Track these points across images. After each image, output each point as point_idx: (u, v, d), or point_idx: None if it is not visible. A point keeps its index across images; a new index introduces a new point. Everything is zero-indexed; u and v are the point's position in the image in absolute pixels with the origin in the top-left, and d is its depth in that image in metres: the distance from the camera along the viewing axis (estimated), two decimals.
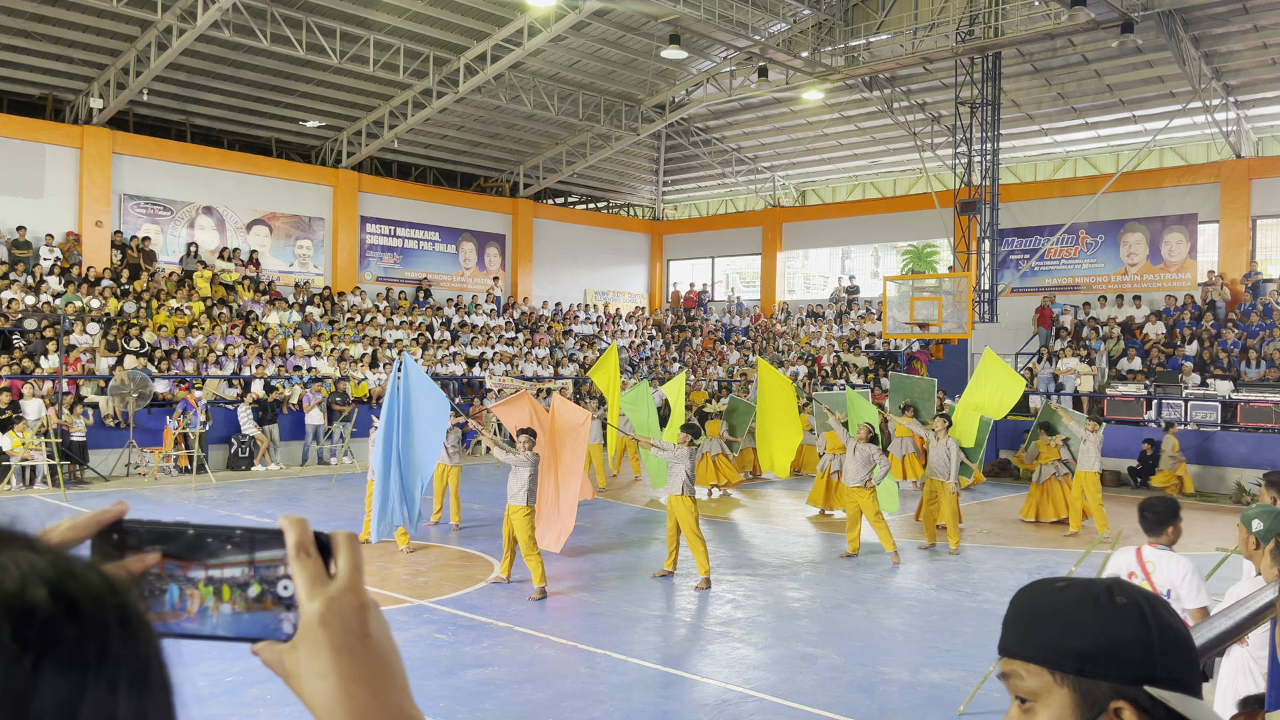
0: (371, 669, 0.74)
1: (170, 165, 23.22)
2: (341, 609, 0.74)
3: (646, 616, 9.03)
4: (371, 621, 0.75)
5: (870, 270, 33.27)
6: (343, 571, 0.75)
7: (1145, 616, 1.11)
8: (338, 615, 0.73)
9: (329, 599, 0.74)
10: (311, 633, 0.73)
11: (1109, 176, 24.47)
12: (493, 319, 28.02)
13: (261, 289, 23.93)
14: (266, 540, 0.75)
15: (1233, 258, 23.17)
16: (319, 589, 0.74)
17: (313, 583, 0.74)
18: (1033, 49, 21.38)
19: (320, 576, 0.75)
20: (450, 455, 13.22)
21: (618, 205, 35.06)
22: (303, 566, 0.74)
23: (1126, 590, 1.14)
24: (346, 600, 0.74)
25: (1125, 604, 1.12)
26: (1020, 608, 1.18)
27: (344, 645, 0.73)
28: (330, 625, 0.73)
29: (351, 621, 0.74)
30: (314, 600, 0.73)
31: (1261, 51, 20.42)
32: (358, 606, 0.75)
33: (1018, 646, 1.16)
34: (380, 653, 0.75)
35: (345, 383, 21.21)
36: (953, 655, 7.90)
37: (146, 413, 18.16)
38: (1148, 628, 1.11)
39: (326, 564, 0.76)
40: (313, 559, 0.75)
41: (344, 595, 0.74)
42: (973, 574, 11.15)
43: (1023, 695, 1.15)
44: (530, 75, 24.22)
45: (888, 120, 25.67)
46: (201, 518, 8.15)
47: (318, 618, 0.73)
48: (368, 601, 0.76)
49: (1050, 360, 22.37)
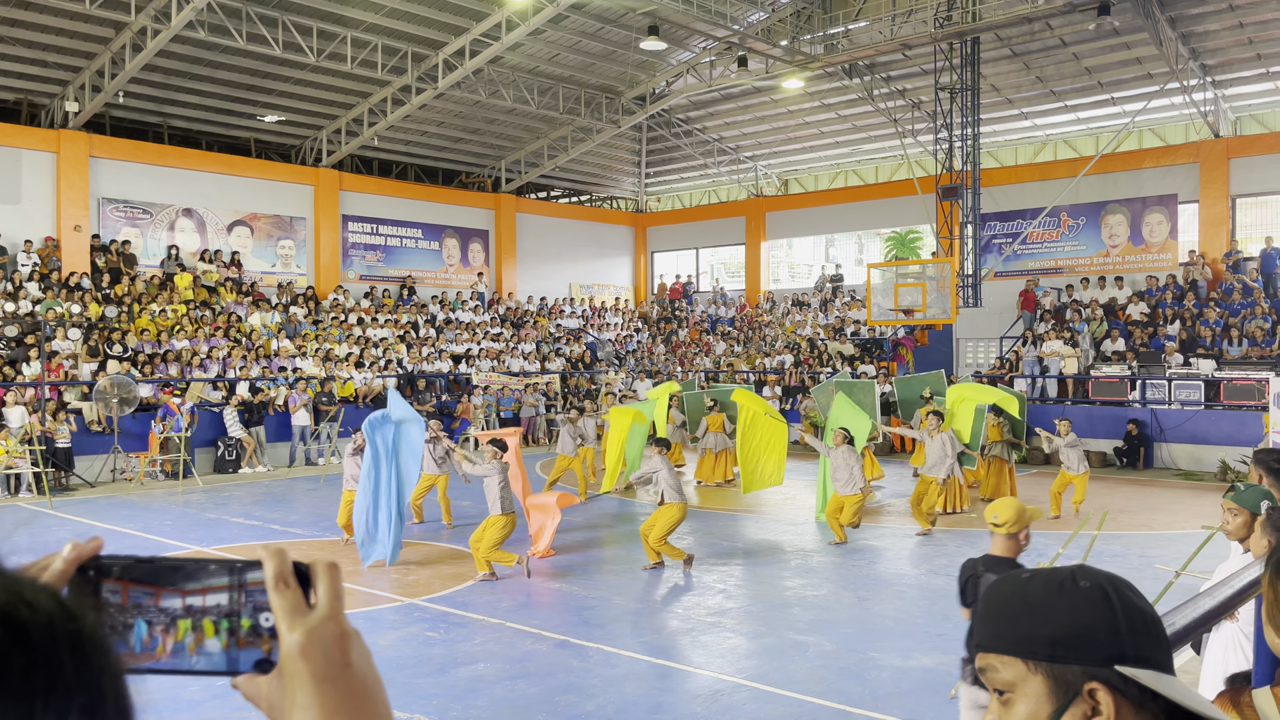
0: (354, 699, 0.74)
1: (148, 168, 23.05)
2: (322, 639, 0.73)
3: (638, 609, 9.03)
4: (353, 651, 0.75)
5: (854, 258, 33.33)
6: (323, 601, 0.75)
7: (1110, 598, 1.13)
8: (318, 646, 0.73)
9: (309, 629, 0.73)
10: (292, 664, 0.72)
11: (1089, 159, 24.56)
12: (478, 315, 27.95)
13: (244, 290, 23.80)
14: (250, 567, 0.75)
15: (1213, 237, 23.30)
16: (299, 620, 0.73)
17: (292, 613, 0.73)
18: (1011, 33, 21.42)
19: (300, 607, 0.74)
20: (439, 465, 13.29)
21: (600, 198, 35.01)
22: (282, 597, 0.74)
23: (1090, 574, 1.16)
24: (327, 630, 0.74)
25: (1089, 587, 1.14)
26: (990, 603, 1.20)
27: (326, 675, 0.72)
28: (311, 656, 0.72)
29: (333, 651, 0.73)
30: (294, 631, 0.73)
31: (1238, 31, 20.51)
32: (339, 636, 0.74)
33: (991, 640, 1.17)
34: (362, 682, 0.75)
35: (331, 382, 21.13)
36: (944, 639, 7.93)
37: (131, 418, 18.05)
38: (1112, 609, 1.12)
39: (306, 594, 0.75)
40: (292, 589, 0.74)
41: (324, 625, 0.74)
42: (962, 557, 11.17)
43: (1000, 687, 1.16)
44: (509, 69, 24.13)
45: (868, 107, 25.69)
46: (185, 522, 8.03)
47: (298, 649, 0.72)
48: (349, 630, 0.75)
49: (1034, 343, 22.46)
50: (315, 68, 21.90)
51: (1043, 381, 21.80)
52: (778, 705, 6.53)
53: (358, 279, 26.98)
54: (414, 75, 22.66)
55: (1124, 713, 1.09)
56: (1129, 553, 11.08)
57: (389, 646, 7.80)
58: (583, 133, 28.07)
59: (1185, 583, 7.16)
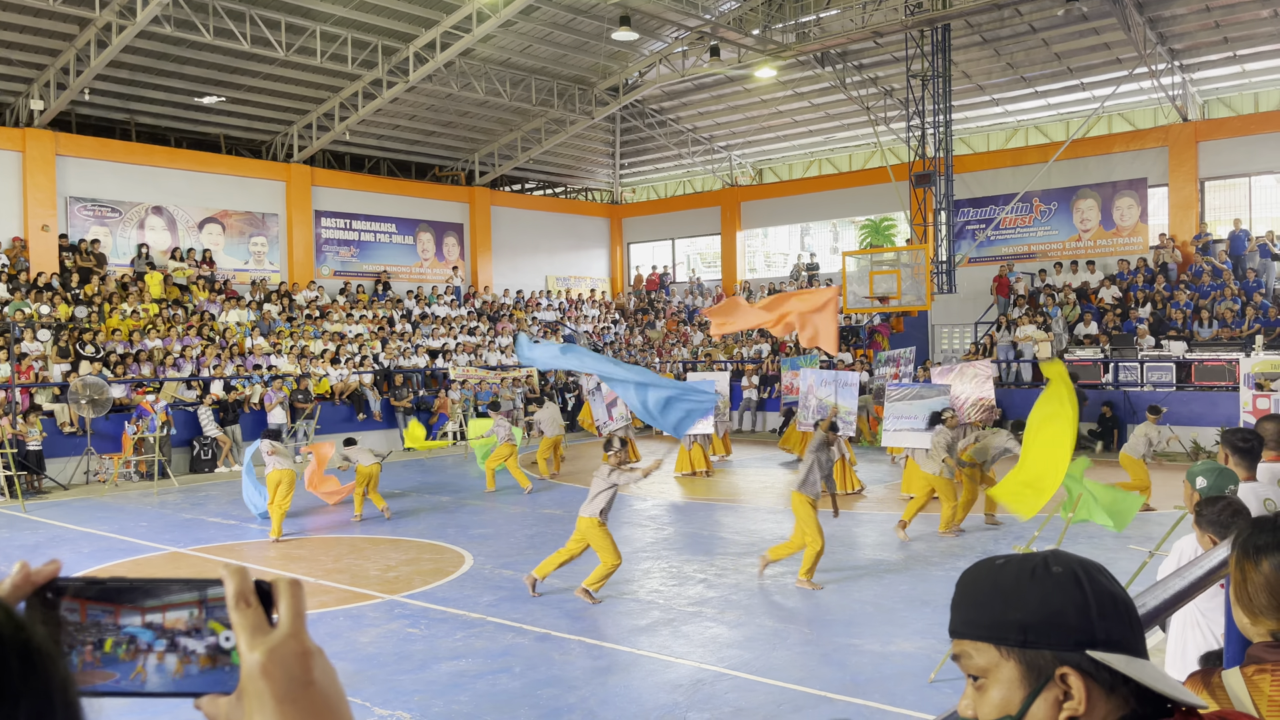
0: (317, 717, 0.73)
1: (116, 165, 22.77)
2: (283, 658, 0.72)
3: (619, 601, 9.05)
4: (315, 669, 0.74)
5: (829, 246, 33.45)
6: (284, 619, 0.74)
7: (1081, 583, 1.14)
8: (279, 665, 0.72)
9: (270, 648, 0.72)
10: (253, 683, 0.72)
11: (1060, 144, 24.75)
12: (454, 309, 27.84)
13: (217, 288, 23.58)
14: (211, 585, 0.74)
15: (1182, 220, 23.55)
16: (260, 639, 0.73)
17: (254, 632, 0.73)
18: (981, 20, 21.52)
19: (261, 626, 0.73)
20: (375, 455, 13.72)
21: (575, 190, 34.92)
22: (243, 616, 0.73)
23: (1062, 560, 1.16)
24: (288, 648, 0.73)
25: (1061, 573, 1.14)
26: (964, 588, 1.20)
27: (287, 695, 0.72)
28: (272, 675, 0.72)
29: (294, 670, 0.72)
30: (254, 650, 0.72)
31: (1204, 15, 20.69)
32: (300, 654, 0.73)
33: (964, 626, 1.18)
34: (325, 699, 0.74)
35: (307, 379, 20.98)
36: (923, 624, 8.00)
37: (104, 418, 17.87)
38: (1084, 593, 1.13)
39: (269, 612, 0.74)
40: (253, 608, 0.73)
41: (286, 643, 0.73)
42: (940, 544, 11.29)
43: (974, 673, 1.16)
44: (481, 62, 24.00)
45: (841, 96, 25.74)
46: (161, 523, 7.96)
47: (259, 668, 0.72)
48: (311, 648, 0.74)
49: (1008, 328, 22.64)
50: (284, 62, 21.69)
51: (1017, 366, 21.98)
52: (759, 693, 6.56)
53: (332, 275, 26.79)
54: (385, 69, 22.49)
55: (1095, 697, 1.10)
56: (1104, 534, 11.20)
57: (370, 643, 7.78)
58: (556, 124, 27.97)
59: (1160, 563, 7.24)
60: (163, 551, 11.47)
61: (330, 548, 11.58)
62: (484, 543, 11.66)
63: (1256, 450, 4.65)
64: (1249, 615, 1.75)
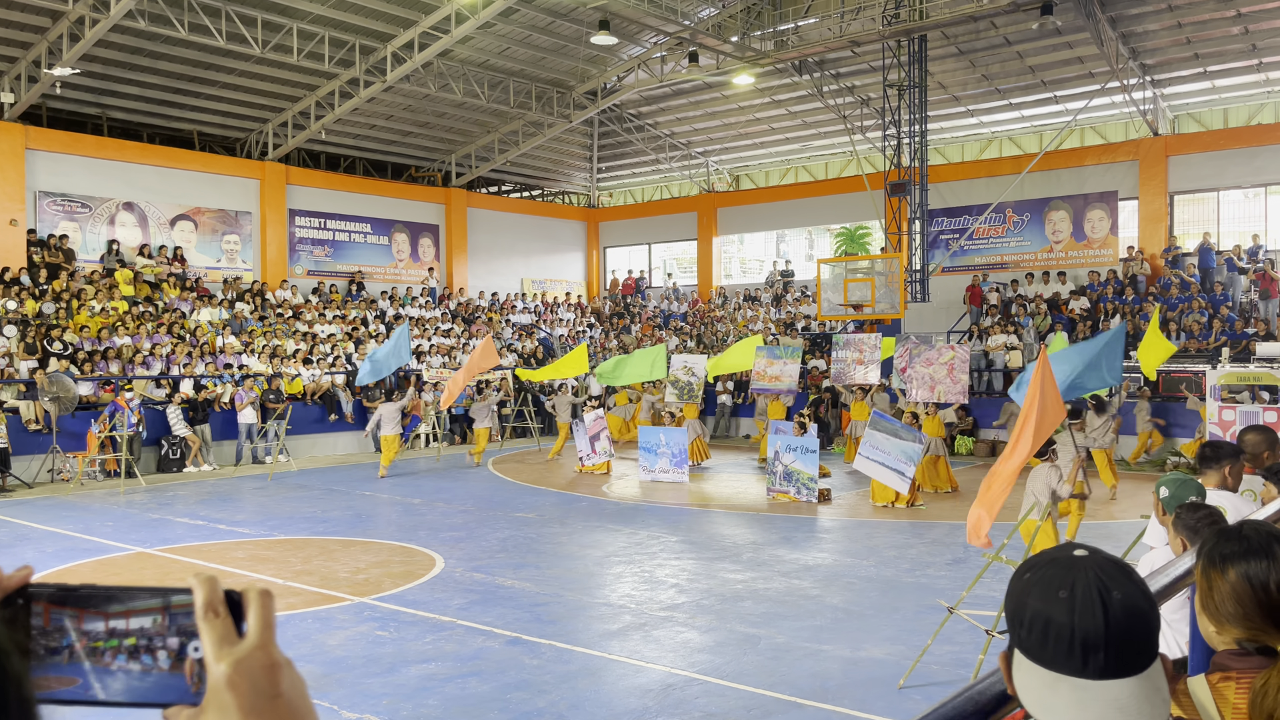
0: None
1: (87, 160, 22.49)
2: (250, 670, 0.71)
3: (590, 605, 9.03)
4: (283, 681, 0.73)
5: (804, 253, 33.58)
6: (253, 630, 0.73)
7: (1033, 593, 1.33)
8: (246, 677, 0.71)
9: (236, 660, 0.71)
10: (219, 696, 0.70)
11: (1033, 156, 25.00)
12: (428, 310, 27.71)
13: (188, 286, 23.34)
14: (178, 593, 0.73)
15: (1152, 233, 23.85)
16: (226, 650, 0.71)
17: (220, 643, 0.71)
18: (957, 31, 21.72)
19: (229, 636, 0.72)
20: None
21: (552, 193, 34.88)
22: (211, 627, 0.72)
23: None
24: (256, 660, 0.72)
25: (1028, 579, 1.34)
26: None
27: (253, 707, 0.70)
28: (238, 687, 0.70)
29: (261, 683, 0.71)
30: (221, 662, 0.71)
31: (1176, 31, 20.99)
32: (268, 666, 0.72)
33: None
34: (292, 713, 0.73)
35: (279, 379, 20.81)
36: (893, 630, 8.04)
37: (70, 416, 17.63)
38: (1021, 604, 1.34)
39: (239, 623, 0.73)
40: (222, 618, 0.72)
41: (253, 655, 0.72)
42: (910, 549, 11.35)
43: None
44: (459, 63, 23.93)
45: (818, 104, 25.88)
46: (127, 523, 7.87)
47: (225, 680, 0.70)
48: (279, 661, 0.73)
49: (980, 337, 22.82)
50: (260, 59, 21.53)
51: (989, 375, 22.15)
52: (729, 698, 6.57)
53: (306, 274, 26.59)
54: (362, 68, 22.38)
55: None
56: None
57: (339, 646, 7.71)
58: (534, 127, 27.93)
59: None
60: (128, 552, 11.33)
61: (299, 549, 11.48)
62: (455, 545, 11.60)
63: (1219, 459, 4.74)
64: (1215, 623, 1.77)
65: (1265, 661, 1.66)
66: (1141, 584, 1.25)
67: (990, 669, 1.45)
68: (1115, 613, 1.20)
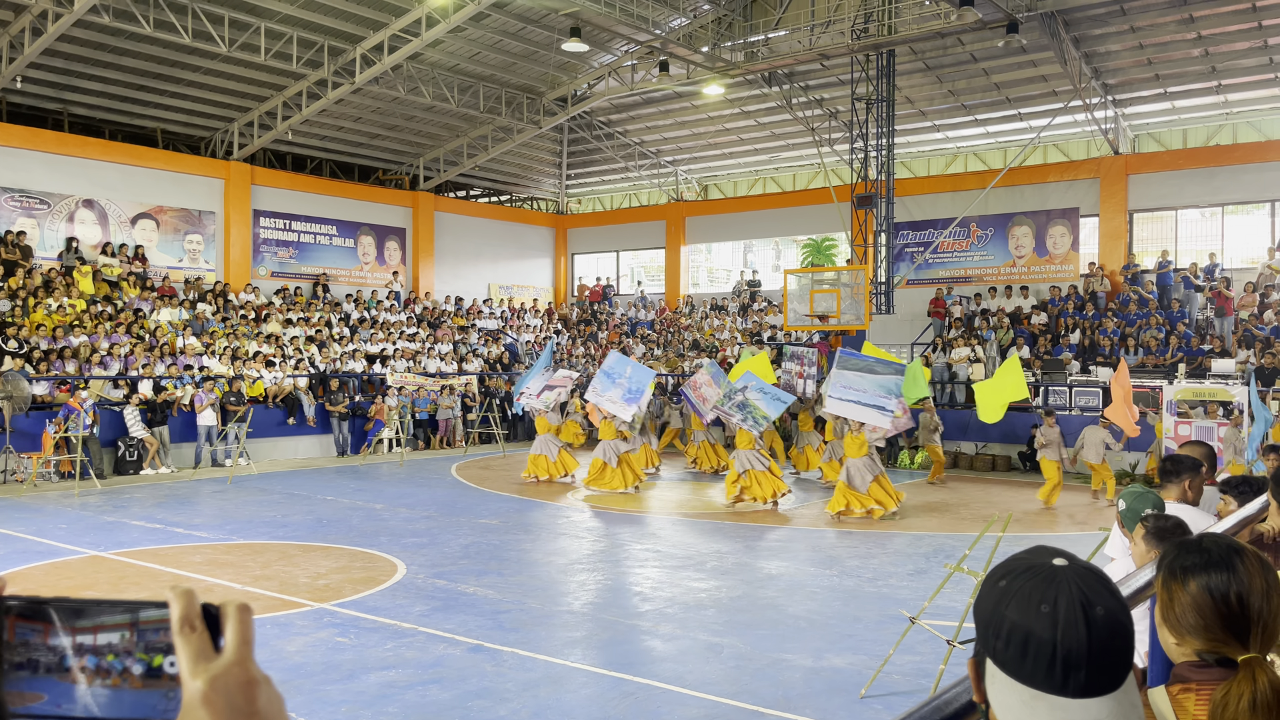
0: None
1: (47, 156, 22.10)
2: (226, 686, 0.69)
3: (553, 613, 8.98)
4: (260, 698, 0.71)
5: (771, 264, 33.78)
6: (230, 646, 0.71)
7: (1009, 603, 1.30)
8: (221, 693, 0.69)
9: (212, 676, 0.69)
10: (193, 712, 0.68)
11: (997, 172, 25.33)
12: (394, 314, 27.51)
13: (149, 285, 22.99)
14: (152, 606, 0.71)
15: (1112, 250, 24.25)
16: (202, 665, 0.69)
17: (196, 659, 0.70)
18: (925, 47, 21.97)
19: (205, 652, 0.70)
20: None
21: (521, 199, 34.79)
22: (186, 641, 0.70)
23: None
24: (232, 676, 0.70)
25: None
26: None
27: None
28: (213, 704, 0.68)
29: (237, 699, 0.69)
30: (196, 678, 0.69)
31: (1137, 52, 21.38)
32: (244, 683, 0.70)
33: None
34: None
35: (240, 382, 20.54)
36: (855, 640, 8.07)
37: (24, 416, 17.28)
38: (999, 613, 1.30)
39: (216, 638, 0.71)
40: (198, 633, 0.70)
41: (229, 671, 0.70)
42: (873, 559, 11.42)
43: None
44: (429, 66, 23.82)
45: (786, 116, 26.05)
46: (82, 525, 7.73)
47: (200, 696, 0.68)
48: (256, 677, 0.71)
49: (944, 350, 23.06)
50: (226, 58, 21.29)
51: (951, 387, 22.38)
52: (691, 707, 6.56)
53: (269, 276, 26.30)
54: (330, 69, 22.21)
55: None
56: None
57: (297, 653, 7.61)
58: (503, 132, 27.86)
59: None
60: (82, 555, 11.11)
61: (259, 554, 11.32)
62: (417, 551, 11.50)
63: (1179, 473, 4.83)
64: (1175, 635, 1.79)
65: (1225, 673, 1.68)
66: (1120, 596, 1.24)
67: (952, 680, 1.45)
68: (1098, 630, 1.19)
